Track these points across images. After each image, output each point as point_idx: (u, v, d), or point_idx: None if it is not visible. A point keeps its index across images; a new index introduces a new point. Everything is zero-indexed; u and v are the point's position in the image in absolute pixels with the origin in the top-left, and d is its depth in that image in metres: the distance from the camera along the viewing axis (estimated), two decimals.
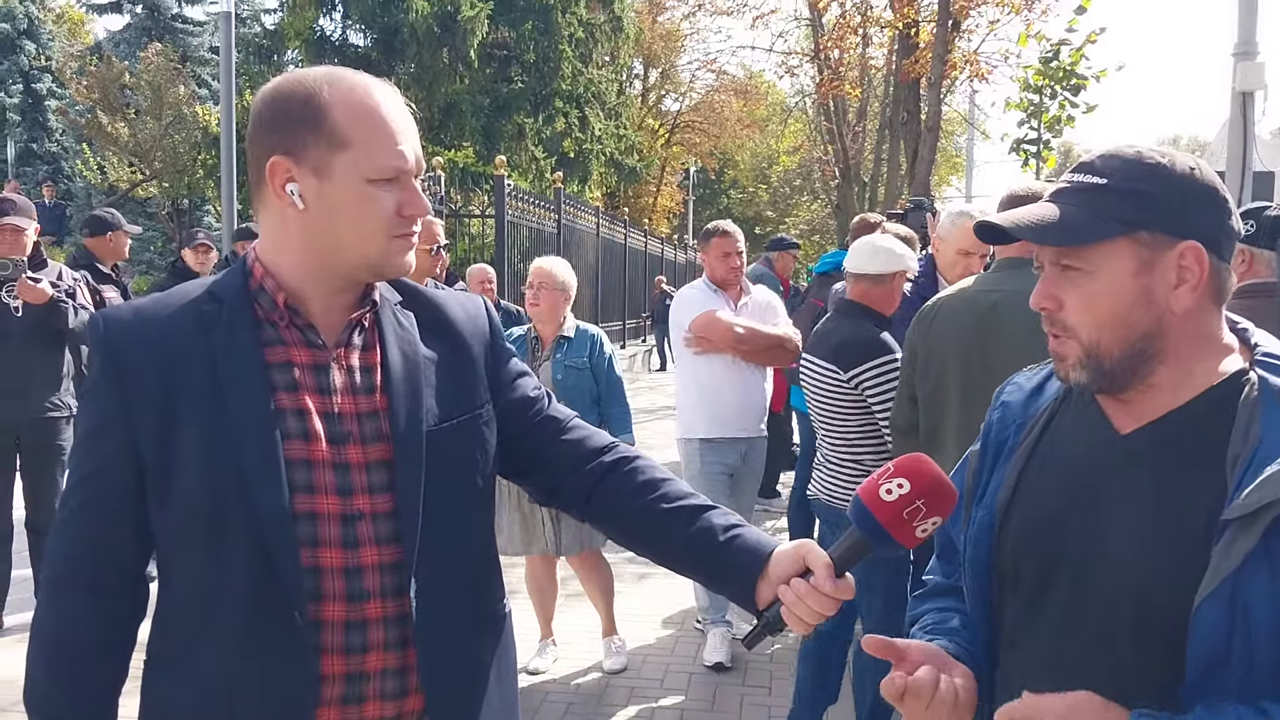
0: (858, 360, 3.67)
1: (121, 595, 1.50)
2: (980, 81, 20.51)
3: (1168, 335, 1.31)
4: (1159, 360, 1.32)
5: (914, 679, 1.36)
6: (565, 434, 1.68)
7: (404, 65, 21.88)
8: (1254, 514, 1.17)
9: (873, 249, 3.86)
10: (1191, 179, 1.31)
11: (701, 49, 41.10)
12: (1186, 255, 1.29)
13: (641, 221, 32.34)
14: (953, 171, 40.24)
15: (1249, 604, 1.17)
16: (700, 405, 4.92)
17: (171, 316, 1.47)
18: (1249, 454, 1.22)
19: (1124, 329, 1.31)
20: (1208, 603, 1.19)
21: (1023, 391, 1.54)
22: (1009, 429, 1.51)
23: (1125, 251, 1.30)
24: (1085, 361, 1.33)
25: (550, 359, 4.68)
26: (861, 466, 3.74)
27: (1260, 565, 1.17)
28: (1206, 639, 1.19)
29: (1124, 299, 1.30)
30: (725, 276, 4.98)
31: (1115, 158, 1.33)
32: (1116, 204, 1.30)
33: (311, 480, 1.44)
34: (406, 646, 1.48)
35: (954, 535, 1.56)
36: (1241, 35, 9.98)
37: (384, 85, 1.49)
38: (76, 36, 34.71)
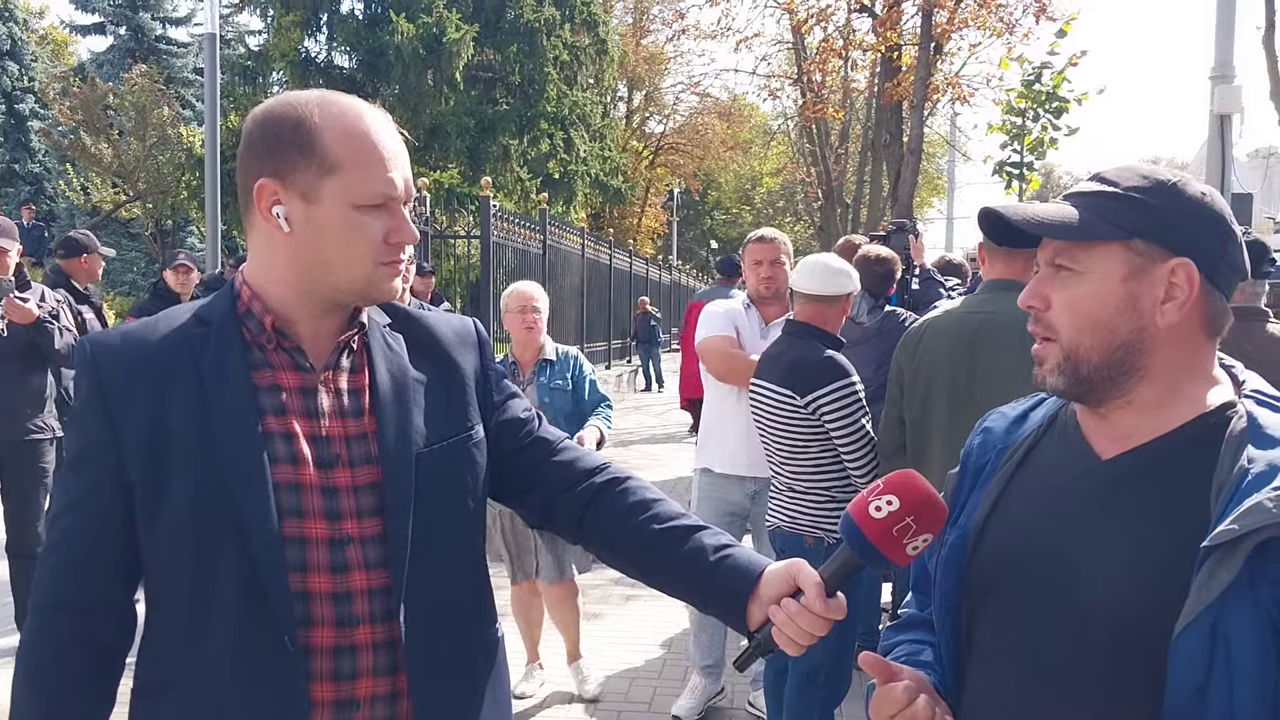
0: (813, 384, 3.51)
1: (109, 620, 1.48)
2: (962, 104, 20.70)
3: (1150, 351, 1.30)
4: (1139, 376, 1.31)
5: (911, 708, 1.35)
6: (556, 455, 1.68)
7: (389, 87, 21.93)
8: (1234, 543, 1.15)
9: (826, 270, 3.69)
10: (1199, 202, 1.31)
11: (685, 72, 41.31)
12: (1178, 271, 1.28)
13: (626, 242, 32.39)
14: (934, 193, 40.51)
15: (1229, 634, 1.15)
16: (710, 434, 4.53)
17: (159, 340, 1.46)
18: (1234, 484, 1.20)
19: (1105, 334, 1.30)
20: (1187, 632, 1.17)
21: (1006, 419, 1.54)
22: (989, 454, 1.50)
23: (1117, 256, 1.29)
24: (1063, 365, 1.33)
25: (533, 383, 4.60)
26: (827, 494, 3.60)
27: (1242, 595, 1.15)
28: (1186, 668, 1.17)
29: (1108, 303, 1.30)
30: (756, 288, 4.40)
31: (1130, 171, 1.34)
32: (1119, 209, 1.30)
33: (300, 504, 1.43)
34: (397, 672, 1.46)
35: (930, 566, 1.55)
36: (1218, 59, 10.10)
37: (376, 111, 1.48)
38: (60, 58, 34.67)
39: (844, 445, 3.52)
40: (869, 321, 5.23)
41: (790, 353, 3.66)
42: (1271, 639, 1.15)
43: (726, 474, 4.42)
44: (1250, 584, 1.15)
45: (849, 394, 3.50)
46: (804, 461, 3.62)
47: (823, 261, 3.74)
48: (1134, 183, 1.32)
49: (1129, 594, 1.25)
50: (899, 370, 3.54)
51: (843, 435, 3.51)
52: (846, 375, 3.52)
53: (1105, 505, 1.31)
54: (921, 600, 1.62)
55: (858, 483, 3.53)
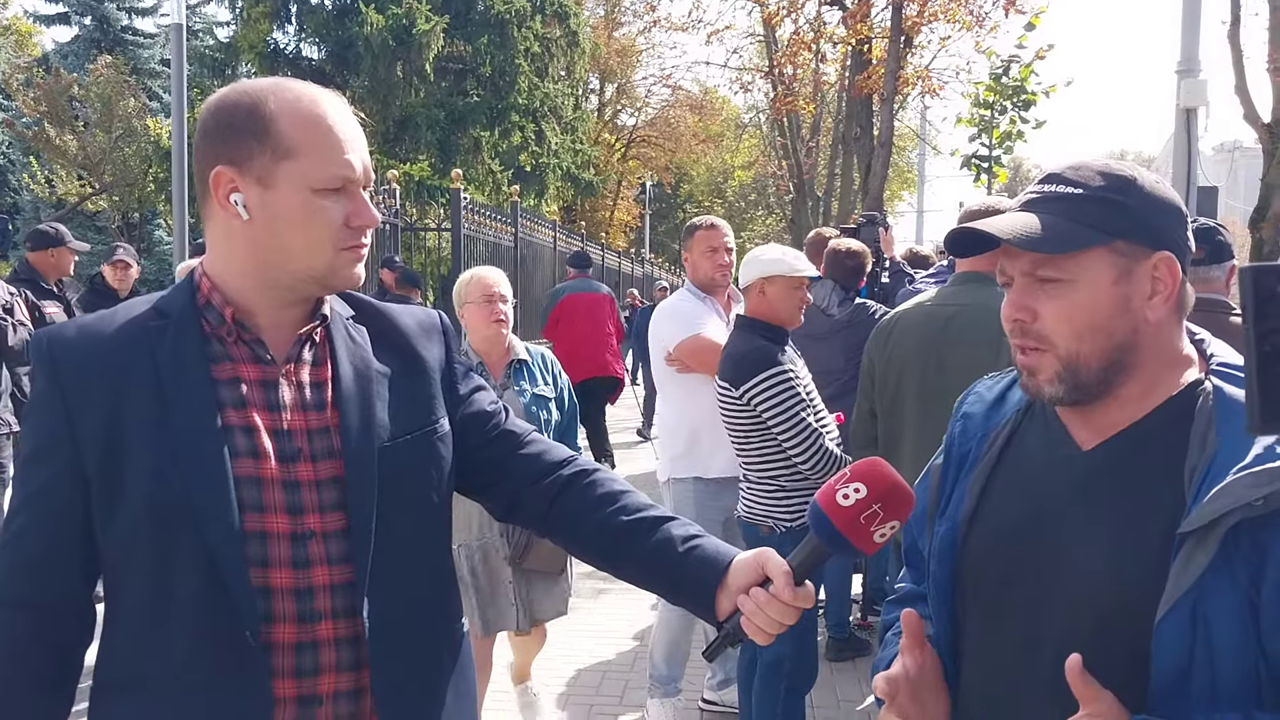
0: (745, 375, 3.52)
1: (66, 617, 1.46)
2: (932, 97, 20.77)
3: (1141, 347, 1.32)
4: (1129, 372, 1.32)
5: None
6: (523, 448, 1.66)
7: (358, 78, 21.75)
8: (1209, 526, 1.17)
9: (743, 262, 3.73)
10: (1158, 193, 1.33)
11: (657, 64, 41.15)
12: (1160, 266, 1.30)
13: (598, 235, 32.35)
14: (905, 186, 40.67)
15: (1209, 616, 1.18)
16: (696, 440, 4.23)
17: (116, 333, 1.44)
18: (1205, 465, 1.22)
19: (1103, 338, 1.31)
20: (1169, 617, 1.19)
21: (984, 402, 1.54)
22: (971, 441, 1.51)
23: (1104, 260, 1.30)
24: (1062, 374, 1.32)
25: (510, 388, 3.87)
26: (775, 483, 3.60)
27: (1220, 577, 1.17)
28: (1169, 652, 1.20)
29: (1104, 308, 1.30)
30: (711, 276, 4.31)
31: (1086, 168, 1.35)
32: (1094, 212, 1.31)
33: (261, 499, 1.41)
34: (360, 668, 1.45)
35: (920, 544, 1.57)
36: (1184, 53, 10.20)
37: (331, 95, 1.47)
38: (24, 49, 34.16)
39: (782, 435, 3.51)
40: (839, 314, 5.24)
41: (729, 345, 3.70)
42: (1250, 619, 1.17)
43: (724, 477, 4.17)
44: (1227, 566, 1.17)
45: (778, 383, 3.48)
46: (750, 452, 3.65)
47: (750, 253, 3.78)
48: (1100, 183, 1.32)
49: (1113, 583, 1.27)
50: (870, 363, 3.55)
51: (778, 424, 3.50)
52: (775, 364, 3.50)
53: (1087, 496, 1.33)
54: (915, 575, 1.64)
55: (805, 472, 3.53)
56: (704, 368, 4.12)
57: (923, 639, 1.41)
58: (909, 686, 1.40)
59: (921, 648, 1.41)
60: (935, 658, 1.45)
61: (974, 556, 1.44)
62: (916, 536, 1.57)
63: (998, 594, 1.41)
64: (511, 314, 3.92)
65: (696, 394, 4.19)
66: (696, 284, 4.37)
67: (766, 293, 3.63)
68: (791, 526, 3.54)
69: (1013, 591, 1.38)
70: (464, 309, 3.90)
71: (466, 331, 3.97)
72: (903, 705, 1.40)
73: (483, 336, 3.88)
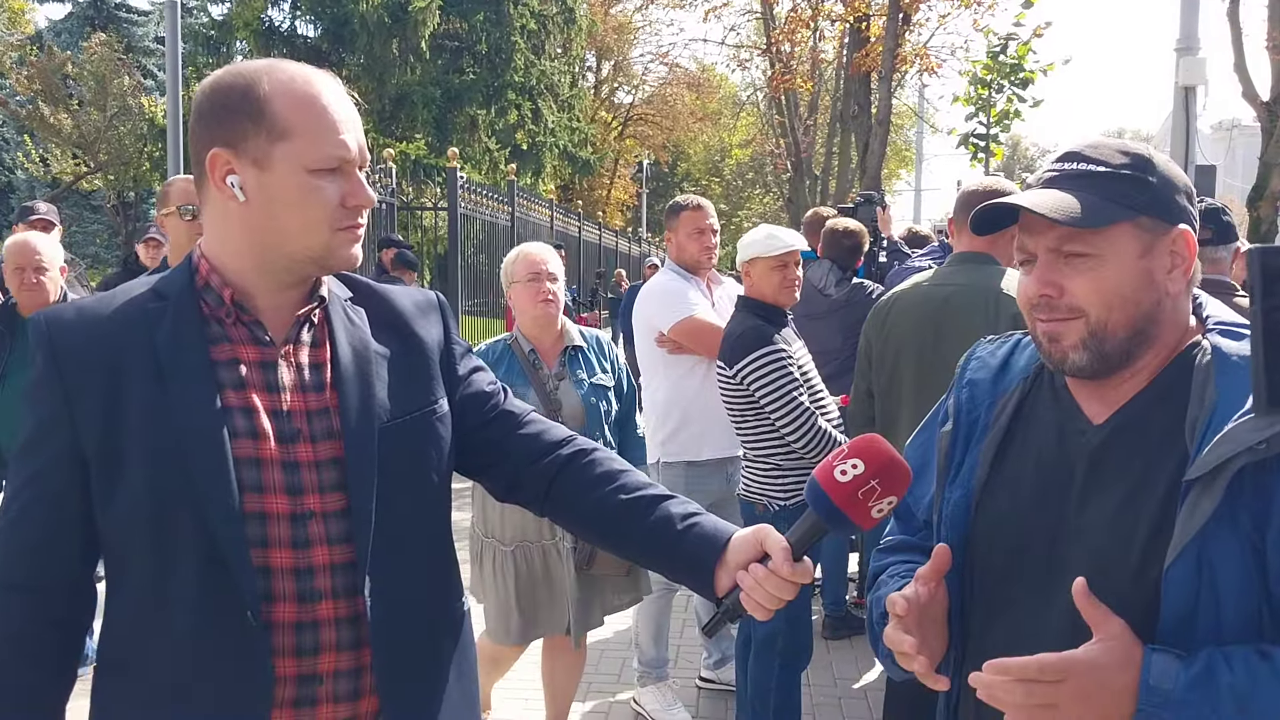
0: (738, 354, 3.54)
1: (67, 599, 1.46)
2: (930, 75, 20.71)
3: (1161, 319, 1.36)
4: (1149, 344, 1.36)
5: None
6: (522, 428, 1.67)
7: (354, 56, 21.66)
8: (1214, 472, 1.21)
9: (740, 244, 3.73)
10: (1170, 169, 1.38)
11: (654, 41, 41.17)
12: (1179, 240, 1.35)
13: (595, 214, 32.28)
14: (902, 165, 40.63)
15: (1214, 561, 1.21)
16: (685, 423, 4.17)
17: (114, 315, 1.44)
18: (1207, 416, 1.26)
19: (1132, 309, 1.34)
20: (1177, 564, 1.23)
21: (989, 369, 1.56)
22: (979, 408, 1.53)
23: (1130, 235, 1.34)
24: (1089, 341, 1.35)
25: (566, 378, 3.57)
26: (770, 461, 3.61)
27: (1224, 523, 1.21)
28: (1176, 598, 1.23)
29: (1131, 281, 1.34)
30: (698, 257, 4.26)
31: (1104, 147, 1.39)
32: (1119, 188, 1.34)
33: (260, 479, 1.42)
34: (360, 647, 1.46)
35: (910, 501, 1.60)
36: (1183, 31, 10.16)
37: (325, 75, 1.47)
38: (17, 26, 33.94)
39: (775, 414, 3.52)
40: (836, 293, 5.24)
41: (728, 326, 3.72)
42: (1254, 563, 1.21)
43: (713, 459, 4.17)
44: (1230, 512, 1.21)
45: (770, 362, 3.49)
46: (746, 431, 3.67)
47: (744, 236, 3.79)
48: (1120, 160, 1.36)
49: (1123, 548, 1.30)
50: (867, 343, 3.55)
51: (770, 403, 3.51)
52: (767, 343, 3.51)
53: (1099, 467, 1.37)
54: (904, 527, 1.68)
55: (799, 451, 3.54)
56: (701, 349, 4.09)
57: (942, 575, 1.43)
58: (917, 611, 1.41)
59: (939, 582, 1.43)
60: (945, 596, 1.46)
61: (986, 524, 1.46)
62: (916, 497, 1.60)
63: (1010, 562, 1.43)
64: (563, 294, 3.60)
65: (687, 376, 4.17)
66: (681, 264, 4.31)
67: (751, 275, 3.66)
68: (787, 505, 3.56)
69: (1025, 560, 1.41)
70: (510, 289, 3.59)
71: (516, 315, 3.66)
72: (910, 626, 1.40)
73: (531, 318, 3.56)
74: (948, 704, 1.53)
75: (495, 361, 3.51)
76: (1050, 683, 1.21)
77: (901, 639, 1.39)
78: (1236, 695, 1.18)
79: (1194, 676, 1.19)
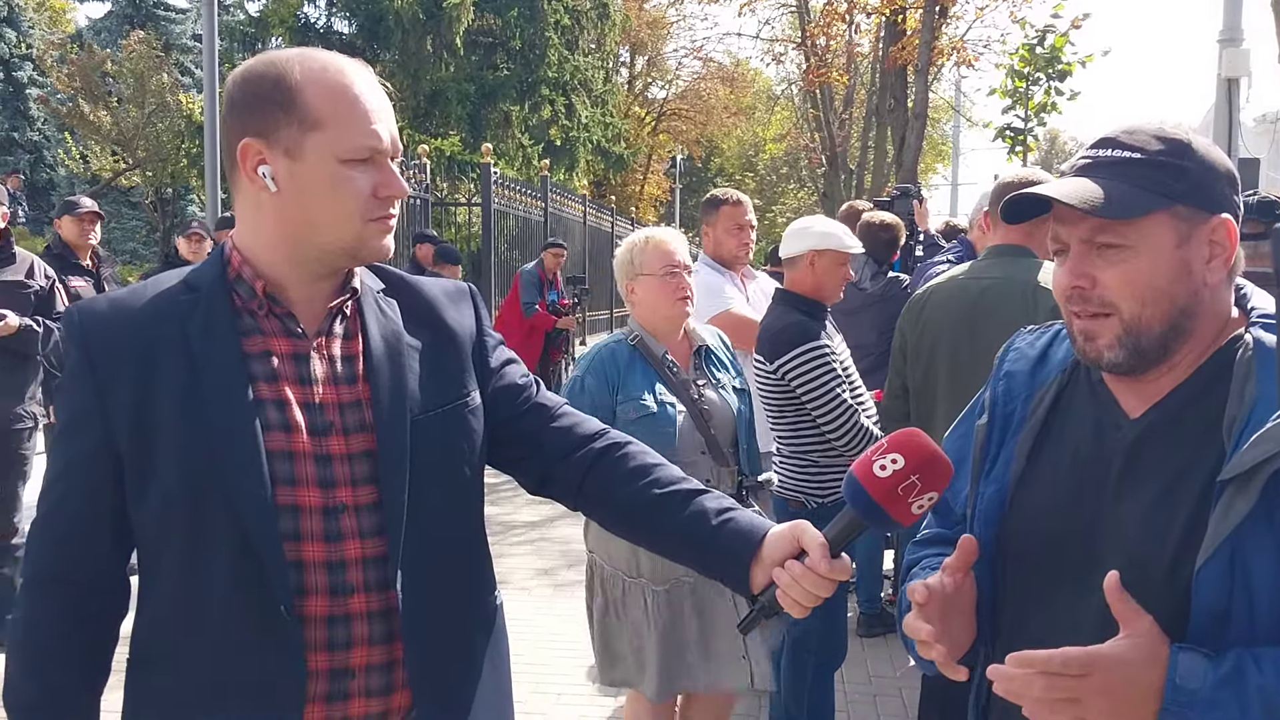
0: (780, 350, 3.47)
1: (101, 591, 1.47)
2: (967, 68, 20.51)
3: (1199, 312, 1.32)
4: (1186, 338, 1.32)
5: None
6: (555, 421, 1.65)
7: (389, 52, 21.74)
8: (1250, 472, 1.17)
9: (788, 232, 3.66)
10: (1212, 156, 1.33)
11: (688, 36, 40.99)
12: (1218, 230, 1.30)
13: (628, 209, 32.27)
14: (939, 159, 40.27)
15: (1248, 561, 1.19)
16: None
17: (146, 308, 1.44)
18: (1245, 415, 1.23)
19: (1166, 303, 1.30)
20: (1209, 564, 1.20)
21: (1027, 360, 1.53)
22: (1016, 400, 1.50)
23: (1166, 225, 1.29)
24: (1124, 339, 1.32)
25: (709, 381, 3.11)
26: (808, 458, 3.56)
27: (1259, 523, 1.18)
28: (1209, 597, 1.21)
29: (1166, 273, 1.30)
30: (735, 252, 4.26)
31: (1140, 132, 1.34)
32: (1154, 176, 1.30)
33: (293, 473, 1.41)
34: (393, 641, 1.45)
35: (948, 495, 1.56)
36: (1227, 22, 10.00)
37: (357, 65, 1.46)
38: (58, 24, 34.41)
39: (816, 410, 3.47)
40: (872, 288, 5.20)
41: (766, 319, 3.66)
42: None
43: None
44: (1266, 512, 1.18)
45: (814, 358, 3.44)
46: (783, 426, 3.63)
47: (793, 224, 3.72)
48: (1157, 146, 1.32)
49: (1156, 547, 1.27)
50: (902, 338, 3.51)
51: (813, 400, 3.46)
52: (812, 338, 3.46)
53: (1135, 462, 1.34)
54: (940, 520, 1.65)
55: (840, 448, 3.49)
56: (739, 342, 4.00)
57: (969, 566, 1.40)
58: (942, 601, 1.39)
59: (966, 573, 1.41)
60: (973, 588, 1.44)
61: (1021, 519, 1.43)
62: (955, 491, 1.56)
63: (1045, 557, 1.40)
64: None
65: None
66: (717, 258, 4.31)
67: (815, 265, 3.55)
68: (824, 502, 3.53)
69: (1060, 555, 1.39)
70: (635, 282, 3.07)
71: (633, 311, 3.12)
72: (931, 615, 1.38)
73: (665, 317, 3.06)
74: (977, 700, 1.52)
75: (625, 366, 3.01)
76: (1074, 676, 1.19)
77: (919, 626, 1.36)
78: (1265, 697, 1.15)
79: (1222, 676, 1.17)
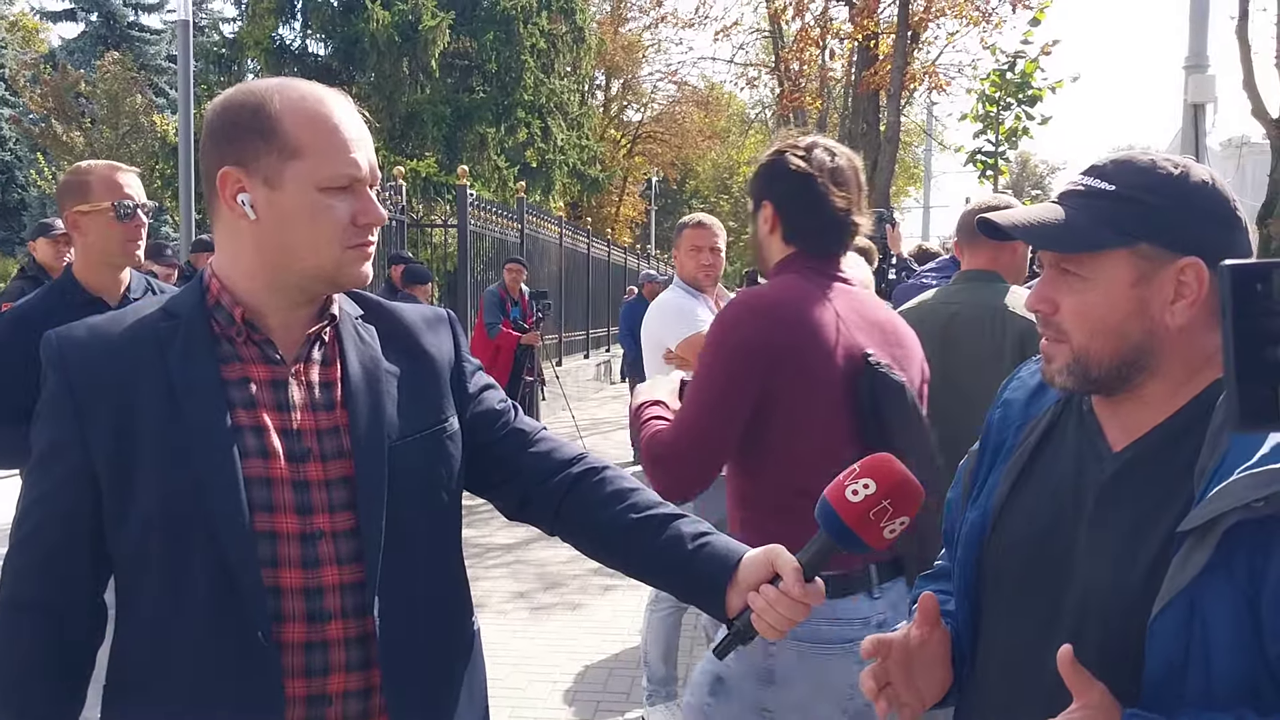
0: None
1: (78, 617, 1.46)
2: (939, 93, 20.75)
3: (1160, 350, 1.29)
4: (1149, 373, 1.30)
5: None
6: (533, 446, 1.66)
7: (364, 75, 21.77)
8: (1208, 525, 1.16)
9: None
10: (1202, 194, 1.29)
11: (663, 60, 41.25)
12: (1187, 271, 1.26)
13: (604, 231, 32.33)
14: (911, 182, 40.62)
15: (1206, 615, 1.16)
16: None
17: (125, 334, 1.45)
18: (1215, 464, 1.20)
19: (1116, 339, 1.29)
20: (1164, 615, 1.18)
21: (1026, 389, 1.52)
22: (1009, 429, 1.50)
23: (1123, 262, 1.28)
24: (1073, 366, 1.32)
25: None
26: None
27: (1218, 576, 1.16)
28: (1162, 650, 1.19)
29: (1118, 309, 1.28)
30: (694, 274, 4.30)
31: (1128, 164, 1.32)
32: (1119, 213, 1.28)
33: (270, 499, 1.42)
34: (370, 667, 1.45)
35: (953, 525, 1.57)
36: (1192, 48, 10.17)
37: (336, 94, 1.48)
38: (30, 45, 34.25)
39: None
40: None
41: None
42: (1249, 618, 1.15)
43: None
44: (1226, 565, 1.15)
45: None
46: None
47: None
48: (1135, 180, 1.29)
49: (1119, 585, 1.26)
50: None
51: None
52: None
53: (1110, 498, 1.32)
54: (951, 553, 1.63)
55: None
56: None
57: (936, 618, 1.40)
58: (902, 654, 1.39)
59: (932, 625, 1.40)
60: (945, 637, 1.44)
61: (999, 547, 1.43)
62: (953, 520, 1.57)
63: (1018, 587, 1.40)
64: None
65: None
66: (685, 281, 4.35)
67: None
68: None
69: (1031, 586, 1.38)
70: None
71: None
72: (887, 669, 1.39)
73: None
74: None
75: None
76: None
77: (865, 680, 1.38)
78: None
79: None
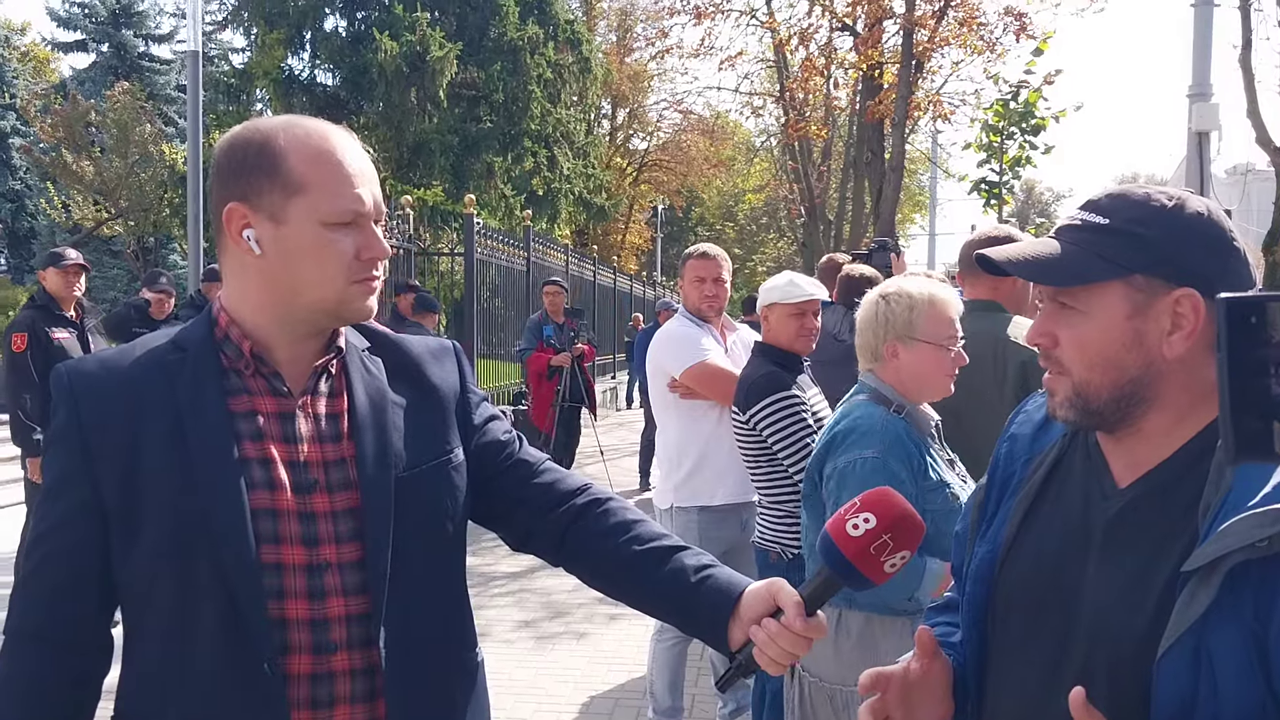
0: (752, 400, 3.54)
1: (85, 649, 1.47)
2: (943, 121, 20.81)
3: (1158, 382, 1.29)
4: (1148, 405, 1.30)
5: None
6: (537, 477, 1.67)
7: (373, 105, 21.91)
8: (1213, 564, 1.15)
9: (763, 286, 3.80)
10: (1197, 225, 1.29)
11: (668, 89, 41.49)
12: (1182, 302, 1.26)
13: (610, 259, 32.44)
14: (916, 210, 40.70)
15: (1213, 655, 1.16)
16: (699, 468, 4.14)
17: (134, 367, 1.46)
18: (1219, 502, 1.20)
19: (1114, 371, 1.29)
20: (1170, 654, 1.18)
21: (1032, 424, 1.52)
22: (1016, 463, 1.50)
23: (1119, 294, 1.28)
24: (1074, 400, 1.32)
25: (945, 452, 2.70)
26: (783, 508, 3.58)
27: (1224, 616, 1.15)
28: (1170, 689, 1.18)
29: (1115, 342, 1.29)
30: (698, 306, 4.27)
31: (1122, 198, 1.32)
32: (1113, 245, 1.29)
33: (277, 530, 1.43)
34: (375, 699, 1.46)
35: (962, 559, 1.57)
36: (1196, 77, 10.21)
37: (341, 131, 1.50)
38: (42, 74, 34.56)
39: (787, 460, 3.50)
40: (851, 339, 5.23)
41: (744, 371, 3.75)
42: (1257, 656, 1.14)
43: (727, 504, 4.13)
44: (1233, 604, 1.15)
45: (784, 408, 3.50)
46: (760, 477, 3.67)
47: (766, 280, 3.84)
48: (1129, 214, 1.29)
49: (1128, 622, 1.25)
50: None
51: (783, 449, 3.50)
52: (782, 388, 3.52)
53: (1115, 535, 1.31)
54: (961, 588, 1.62)
55: None
56: (712, 394, 4.08)
57: (934, 651, 1.40)
58: (901, 687, 1.39)
59: (932, 658, 1.40)
60: (946, 669, 1.44)
61: (1008, 582, 1.43)
62: (961, 553, 1.57)
63: (1027, 622, 1.40)
64: None
65: (700, 420, 4.15)
66: (690, 311, 4.34)
67: (770, 319, 3.71)
68: (799, 553, 3.54)
69: (1041, 622, 1.37)
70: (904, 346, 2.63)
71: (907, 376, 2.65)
72: (886, 703, 1.39)
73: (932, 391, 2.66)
74: None
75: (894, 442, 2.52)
76: None
77: (863, 716, 1.38)
78: None
79: None
